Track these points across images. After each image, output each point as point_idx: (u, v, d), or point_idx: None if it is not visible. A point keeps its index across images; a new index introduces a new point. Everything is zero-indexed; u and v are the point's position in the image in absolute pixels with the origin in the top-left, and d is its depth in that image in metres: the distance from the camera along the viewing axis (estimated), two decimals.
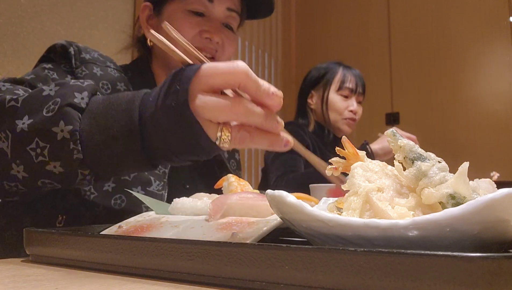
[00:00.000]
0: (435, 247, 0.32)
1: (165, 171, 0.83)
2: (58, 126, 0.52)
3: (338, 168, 0.45)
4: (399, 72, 3.12)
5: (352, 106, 1.73)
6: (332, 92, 1.74)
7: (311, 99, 1.82)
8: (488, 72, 2.83)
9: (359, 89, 1.75)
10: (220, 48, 0.92)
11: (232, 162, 1.08)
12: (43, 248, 0.49)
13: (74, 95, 0.54)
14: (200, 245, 0.37)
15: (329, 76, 1.76)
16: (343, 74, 1.75)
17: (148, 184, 0.78)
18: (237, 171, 1.10)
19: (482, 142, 2.77)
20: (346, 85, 1.73)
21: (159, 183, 0.80)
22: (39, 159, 0.53)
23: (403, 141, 0.41)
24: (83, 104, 0.54)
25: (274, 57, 3.36)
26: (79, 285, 0.37)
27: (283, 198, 0.38)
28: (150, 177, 0.79)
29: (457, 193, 0.36)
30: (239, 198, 0.51)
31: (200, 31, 0.89)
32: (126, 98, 0.54)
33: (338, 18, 3.40)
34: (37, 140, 0.53)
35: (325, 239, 0.36)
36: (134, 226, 0.51)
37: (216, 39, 0.89)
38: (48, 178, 0.55)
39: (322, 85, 1.77)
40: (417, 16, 3.09)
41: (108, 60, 0.89)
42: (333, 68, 1.78)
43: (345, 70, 1.76)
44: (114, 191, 0.75)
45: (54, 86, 0.57)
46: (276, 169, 1.59)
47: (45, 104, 0.54)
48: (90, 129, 0.53)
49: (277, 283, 0.33)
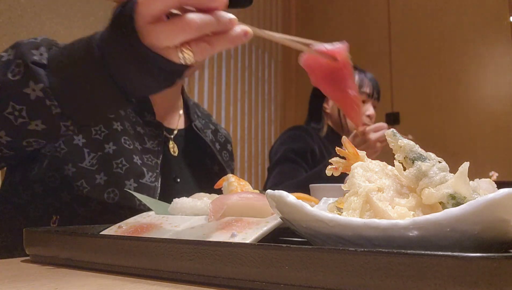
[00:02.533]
0: (435, 247, 0.32)
1: (157, 161, 0.83)
2: (29, 86, 0.54)
3: (338, 168, 0.45)
4: (399, 72, 3.12)
5: (369, 111, 1.67)
6: None
7: (327, 104, 1.75)
8: (488, 72, 2.83)
9: (375, 94, 1.70)
10: None
11: (225, 153, 1.07)
12: (43, 248, 0.49)
13: (32, 53, 0.56)
14: (200, 245, 0.37)
15: None
16: (360, 78, 1.69)
17: (141, 176, 0.78)
18: (229, 163, 1.09)
19: (482, 142, 2.77)
20: (363, 90, 1.67)
21: (151, 175, 0.79)
22: (19, 121, 0.55)
23: (403, 141, 0.41)
24: (44, 59, 0.56)
25: (274, 57, 3.36)
26: (79, 285, 0.37)
27: (283, 198, 0.38)
28: (143, 169, 0.79)
29: (457, 193, 0.36)
30: (239, 198, 0.51)
31: None
32: (82, 44, 0.55)
33: (338, 18, 3.40)
34: (12, 104, 0.55)
35: (325, 239, 0.36)
36: (134, 226, 0.51)
37: None
38: (32, 136, 0.57)
39: None
40: (417, 16, 3.09)
41: None
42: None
43: (361, 74, 1.70)
44: (106, 184, 0.75)
45: (11, 49, 0.59)
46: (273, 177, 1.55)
47: (8, 69, 0.56)
48: (58, 81, 0.54)
49: (277, 283, 0.33)
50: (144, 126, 0.87)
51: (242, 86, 2.96)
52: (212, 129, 1.08)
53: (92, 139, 0.77)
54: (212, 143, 1.04)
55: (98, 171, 0.75)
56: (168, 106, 0.98)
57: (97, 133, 0.77)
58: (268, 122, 3.22)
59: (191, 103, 1.08)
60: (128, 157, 0.78)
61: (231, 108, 2.83)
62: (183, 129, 1.00)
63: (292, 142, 1.61)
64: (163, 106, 0.97)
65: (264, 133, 3.17)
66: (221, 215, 0.49)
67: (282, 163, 1.55)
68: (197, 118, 1.05)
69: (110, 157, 0.76)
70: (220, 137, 1.09)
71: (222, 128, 1.15)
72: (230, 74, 2.84)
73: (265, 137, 3.18)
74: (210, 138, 1.05)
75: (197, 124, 1.00)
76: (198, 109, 1.10)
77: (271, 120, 3.26)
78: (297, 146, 1.58)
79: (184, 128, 1.01)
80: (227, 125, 2.78)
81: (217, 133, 1.09)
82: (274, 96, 3.30)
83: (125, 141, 0.79)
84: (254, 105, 3.08)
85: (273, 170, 1.58)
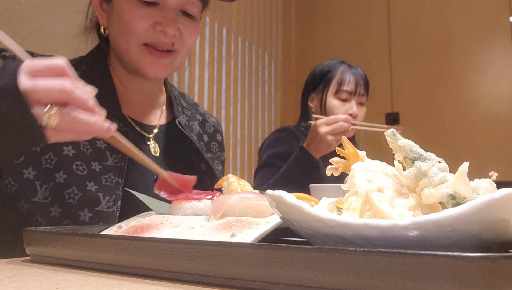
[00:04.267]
0: (435, 247, 0.32)
1: (118, 180, 0.77)
2: None
3: (338, 168, 0.45)
4: (399, 72, 3.12)
5: (351, 109, 1.62)
6: (329, 96, 1.64)
7: (312, 102, 1.72)
8: (488, 72, 2.83)
9: (359, 90, 1.64)
10: (177, 40, 0.83)
11: (214, 145, 1.03)
12: (43, 248, 0.49)
13: None
14: (200, 245, 0.37)
15: (328, 77, 1.66)
16: (342, 75, 1.64)
17: (95, 203, 0.74)
18: (219, 154, 1.04)
19: (482, 142, 2.77)
20: (344, 88, 1.62)
21: (109, 199, 0.75)
22: None
23: (403, 141, 0.41)
24: None
25: (274, 57, 3.36)
26: (79, 285, 0.37)
27: (283, 198, 0.38)
28: (98, 195, 0.74)
29: (457, 193, 0.36)
30: (239, 198, 0.51)
31: (153, 23, 0.80)
32: None
33: (338, 18, 3.40)
34: None
35: (325, 239, 0.36)
36: (134, 226, 0.51)
37: (171, 31, 0.81)
38: None
39: (321, 89, 1.67)
40: (417, 16, 3.09)
41: None
42: (333, 69, 1.67)
43: (345, 70, 1.65)
44: (61, 216, 0.72)
45: None
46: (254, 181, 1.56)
47: None
48: None
49: (277, 283, 0.33)
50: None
51: (242, 86, 2.96)
52: (200, 120, 1.03)
53: (43, 169, 0.73)
54: (200, 137, 0.99)
55: (52, 203, 0.72)
56: (147, 103, 0.93)
57: (47, 162, 0.73)
58: (268, 122, 3.22)
59: (176, 94, 1.03)
60: (81, 184, 0.74)
61: (231, 108, 2.83)
62: (164, 125, 0.95)
63: (276, 146, 1.60)
64: (142, 104, 0.92)
65: (264, 133, 3.17)
66: (221, 215, 0.49)
67: (264, 168, 1.55)
68: (181, 111, 0.99)
69: (61, 187, 0.72)
70: (209, 128, 1.04)
71: (211, 116, 1.10)
72: (230, 74, 2.84)
73: (265, 137, 3.17)
74: (197, 130, 1.00)
75: (181, 120, 0.95)
76: (183, 99, 1.05)
77: (271, 120, 3.26)
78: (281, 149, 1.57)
79: (166, 123, 0.95)
80: (227, 125, 2.78)
81: (205, 123, 1.04)
82: (274, 96, 3.30)
83: (77, 167, 0.75)
84: (254, 105, 3.08)
85: (256, 175, 1.59)
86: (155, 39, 0.81)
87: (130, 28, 0.80)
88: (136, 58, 0.83)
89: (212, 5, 0.96)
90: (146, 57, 0.82)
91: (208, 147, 1.01)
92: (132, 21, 0.80)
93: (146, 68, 0.83)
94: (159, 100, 0.97)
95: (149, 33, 0.81)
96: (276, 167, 1.51)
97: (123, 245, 0.42)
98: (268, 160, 1.56)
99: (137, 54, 0.82)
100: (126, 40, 0.82)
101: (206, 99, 2.60)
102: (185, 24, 0.84)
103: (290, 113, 3.44)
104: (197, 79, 2.52)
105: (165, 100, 0.99)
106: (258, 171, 1.59)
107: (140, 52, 0.82)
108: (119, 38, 0.84)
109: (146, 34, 0.81)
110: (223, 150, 1.08)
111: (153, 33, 0.81)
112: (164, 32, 0.81)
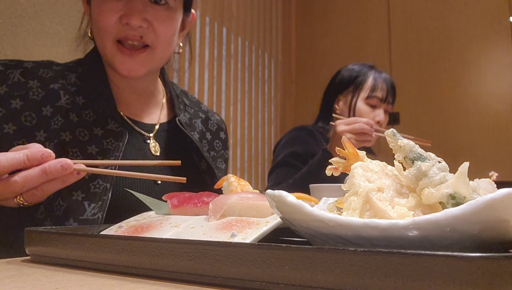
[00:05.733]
0: (435, 247, 0.32)
1: (106, 186, 0.75)
2: None
3: (338, 168, 0.45)
4: (399, 72, 3.11)
5: (379, 116, 1.59)
6: (360, 100, 1.60)
7: (338, 104, 1.67)
8: (488, 72, 2.83)
9: (389, 98, 1.62)
10: (148, 32, 0.79)
11: (217, 142, 1.02)
12: (43, 248, 0.49)
13: None
14: (200, 245, 0.37)
15: (359, 81, 1.61)
16: (374, 81, 1.60)
17: (81, 213, 0.73)
18: (222, 152, 1.02)
19: (482, 142, 2.77)
20: (376, 94, 1.59)
21: (94, 205, 0.73)
22: None
23: (403, 141, 0.41)
24: None
25: (274, 57, 3.36)
26: (79, 285, 0.37)
27: (283, 198, 0.38)
28: (84, 203, 0.73)
29: (457, 193, 0.36)
30: (239, 198, 0.51)
31: (120, 16, 0.77)
32: None
33: (338, 18, 3.40)
34: None
35: (325, 239, 0.36)
36: (134, 226, 0.51)
37: (135, 22, 0.77)
38: None
39: (351, 91, 1.61)
40: (417, 16, 3.09)
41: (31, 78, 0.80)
42: (365, 73, 1.62)
43: (377, 76, 1.62)
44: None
45: None
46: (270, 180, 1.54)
47: None
48: None
49: (277, 283, 0.33)
50: (102, 139, 0.80)
51: (242, 86, 2.96)
52: (203, 118, 1.02)
53: None
54: (202, 135, 0.98)
55: (46, 218, 0.72)
56: (144, 101, 0.92)
57: None
58: (268, 122, 3.22)
59: (178, 92, 1.01)
60: (66, 195, 0.73)
61: (231, 108, 2.83)
62: (166, 123, 0.94)
63: (294, 145, 1.58)
64: (138, 103, 0.91)
65: (264, 133, 3.17)
66: (221, 215, 0.49)
67: (280, 167, 1.53)
68: (183, 109, 0.98)
69: (50, 200, 0.72)
70: (212, 125, 1.03)
71: (215, 114, 1.08)
72: (230, 74, 2.84)
73: (265, 137, 3.18)
74: (200, 128, 0.99)
75: (181, 118, 0.93)
76: (186, 97, 1.04)
77: (271, 120, 3.26)
78: (298, 149, 1.55)
79: (167, 121, 0.94)
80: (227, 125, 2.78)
81: (208, 121, 1.03)
82: (274, 96, 3.30)
83: None
84: (254, 105, 3.08)
85: (271, 173, 1.57)
86: (123, 34, 0.78)
87: (100, 24, 0.79)
88: (111, 56, 0.81)
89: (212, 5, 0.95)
90: (118, 55, 0.80)
91: (211, 145, 1.00)
92: (100, 17, 0.78)
93: (119, 67, 0.81)
94: (157, 98, 0.96)
95: (117, 28, 0.78)
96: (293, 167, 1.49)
97: (123, 245, 0.42)
98: (286, 159, 1.53)
99: (111, 52, 0.81)
100: (101, 38, 0.81)
101: (206, 99, 2.60)
102: (154, 14, 0.79)
103: (290, 113, 3.44)
104: (197, 79, 2.52)
105: (166, 98, 0.98)
106: (274, 169, 1.56)
107: (113, 50, 0.80)
108: (97, 38, 0.84)
109: (115, 28, 0.78)
110: (227, 148, 1.06)
111: (121, 27, 0.78)
112: (130, 25, 0.77)
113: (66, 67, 0.87)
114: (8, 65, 0.80)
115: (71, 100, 0.81)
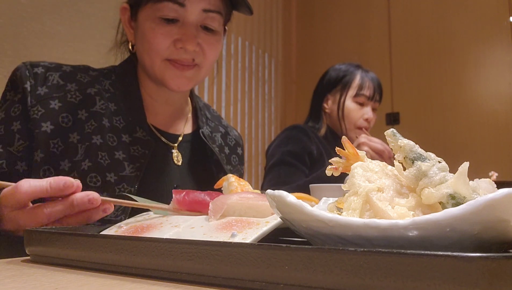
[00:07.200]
0: (435, 247, 0.32)
1: (130, 190, 0.80)
2: None
3: (338, 168, 0.45)
4: (399, 72, 3.12)
5: (367, 114, 1.63)
6: (348, 98, 1.64)
7: (326, 103, 1.70)
8: (488, 72, 2.83)
9: (376, 96, 1.65)
10: (199, 55, 0.86)
11: (234, 157, 1.05)
12: (43, 248, 0.49)
13: None
14: (200, 245, 0.37)
15: (347, 80, 1.65)
16: (361, 79, 1.64)
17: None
18: (238, 167, 1.06)
19: (482, 142, 2.77)
20: (363, 92, 1.62)
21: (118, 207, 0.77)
22: None
23: (403, 141, 0.41)
24: None
25: (274, 57, 3.36)
26: (79, 285, 0.37)
27: (283, 198, 0.38)
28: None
29: (457, 193, 0.36)
30: (239, 198, 0.51)
31: (174, 40, 0.83)
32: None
33: (338, 18, 3.40)
34: None
35: (325, 239, 0.36)
36: (134, 226, 0.51)
37: (190, 47, 0.83)
38: None
39: (339, 90, 1.65)
40: (417, 16, 3.09)
41: (69, 81, 0.84)
42: (352, 72, 1.66)
43: (364, 74, 1.65)
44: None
45: None
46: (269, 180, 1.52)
47: None
48: None
49: (277, 283, 0.33)
50: (129, 146, 0.84)
51: (242, 86, 2.96)
52: (222, 132, 1.06)
53: None
54: (221, 149, 1.02)
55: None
56: (173, 113, 0.96)
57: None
58: (268, 122, 3.22)
59: (201, 105, 1.06)
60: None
61: (231, 108, 2.83)
62: (189, 134, 0.98)
63: (289, 143, 1.58)
64: (167, 114, 0.95)
65: (264, 133, 3.17)
66: (221, 215, 0.49)
67: (279, 166, 1.52)
68: (205, 122, 1.02)
69: None
70: (230, 141, 1.07)
71: (234, 130, 1.12)
72: (230, 74, 2.84)
73: (265, 137, 3.18)
74: (219, 142, 1.02)
75: (204, 131, 0.98)
76: (208, 111, 1.08)
77: (271, 120, 3.26)
78: (294, 148, 1.55)
79: (191, 132, 0.99)
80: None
81: (227, 136, 1.07)
82: (274, 96, 3.30)
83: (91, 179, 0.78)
84: (254, 105, 3.08)
85: (269, 173, 1.55)
86: (176, 56, 0.84)
87: (152, 45, 0.84)
88: (160, 72, 0.86)
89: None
90: (169, 71, 0.85)
91: (228, 159, 1.03)
92: (154, 39, 0.83)
93: (169, 81, 0.86)
94: (185, 110, 1.00)
95: (170, 50, 0.83)
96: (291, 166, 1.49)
97: (123, 245, 0.42)
98: (283, 158, 1.53)
99: (161, 68, 0.86)
100: (150, 56, 0.85)
101: (206, 99, 2.60)
102: (205, 38, 0.86)
103: (290, 113, 3.44)
104: None
105: (191, 110, 1.02)
106: (271, 169, 1.56)
107: (163, 66, 0.85)
108: (143, 55, 0.87)
109: (168, 51, 0.83)
110: (242, 163, 1.10)
111: (174, 50, 0.84)
112: (184, 49, 0.83)
113: (102, 73, 0.91)
114: (48, 67, 0.84)
115: (105, 106, 0.85)
